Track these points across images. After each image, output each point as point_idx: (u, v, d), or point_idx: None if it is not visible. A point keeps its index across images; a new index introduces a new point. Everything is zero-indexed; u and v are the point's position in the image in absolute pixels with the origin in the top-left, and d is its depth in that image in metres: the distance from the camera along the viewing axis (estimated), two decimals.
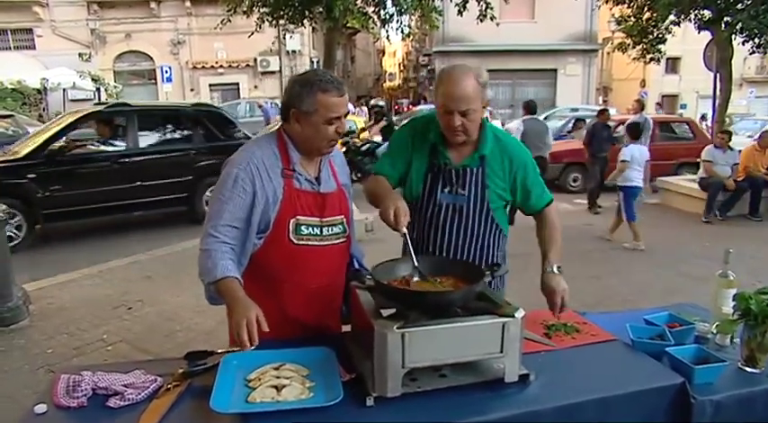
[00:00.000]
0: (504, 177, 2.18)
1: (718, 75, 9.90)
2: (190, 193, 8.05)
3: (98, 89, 19.29)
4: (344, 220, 2.07)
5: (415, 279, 1.83)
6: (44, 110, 18.25)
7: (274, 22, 7.36)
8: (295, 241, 1.92)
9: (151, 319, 4.71)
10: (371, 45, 51.56)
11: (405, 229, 1.83)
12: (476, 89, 2.00)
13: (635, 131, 7.54)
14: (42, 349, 4.14)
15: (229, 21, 7.47)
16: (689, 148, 10.70)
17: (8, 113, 13.01)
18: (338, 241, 2.05)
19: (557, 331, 2.10)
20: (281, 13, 7.13)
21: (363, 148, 10.78)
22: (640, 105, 9.74)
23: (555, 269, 2.12)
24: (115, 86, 20.62)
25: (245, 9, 7.27)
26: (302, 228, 1.93)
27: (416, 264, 1.84)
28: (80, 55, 22.02)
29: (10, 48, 22.01)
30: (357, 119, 16.12)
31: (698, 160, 8.96)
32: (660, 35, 10.64)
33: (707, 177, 8.55)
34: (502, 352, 1.64)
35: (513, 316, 1.64)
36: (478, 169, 2.15)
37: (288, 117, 1.93)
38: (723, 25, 9.14)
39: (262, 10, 7.33)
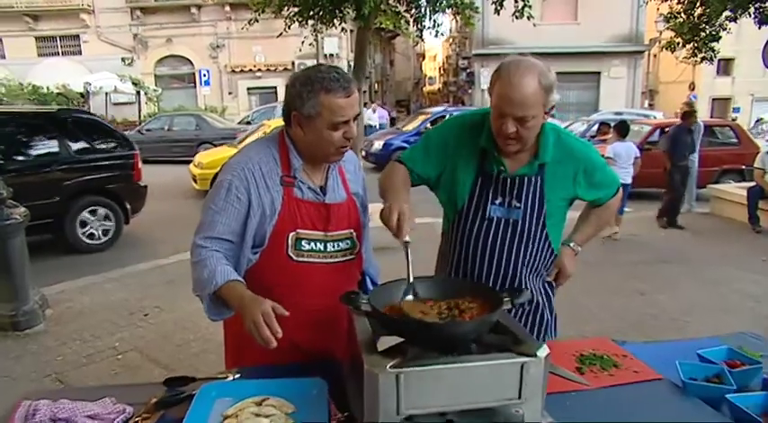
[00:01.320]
0: (567, 185, 1.92)
1: None
2: (57, 217, 6.62)
3: (138, 93, 19.68)
4: (354, 234, 1.83)
5: (408, 298, 1.55)
6: None
7: (304, 22, 7.19)
8: (295, 258, 1.71)
9: (167, 326, 4.56)
10: (411, 49, 51.41)
11: (407, 238, 1.57)
12: (537, 92, 1.70)
13: (621, 129, 7.57)
14: (53, 356, 4.03)
15: (257, 21, 7.33)
16: (733, 154, 10.10)
17: None
18: (346, 258, 1.82)
19: (591, 365, 1.80)
20: (311, 12, 6.94)
21: None
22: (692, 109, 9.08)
23: (574, 246, 2.06)
24: (155, 90, 21.02)
25: (273, 9, 7.12)
26: (303, 242, 1.72)
27: (411, 280, 1.56)
28: (123, 59, 22.61)
29: (58, 53, 22.78)
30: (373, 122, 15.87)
31: (744, 167, 8.41)
32: (713, 32, 9.98)
33: (755, 186, 7.94)
34: (520, 398, 1.34)
35: (536, 355, 1.34)
36: (537, 178, 1.88)
37: (289, 120, 1.71)
38: None
39: (291, 10, 7.16)
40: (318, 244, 1.74)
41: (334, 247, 1.77)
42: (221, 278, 1.58)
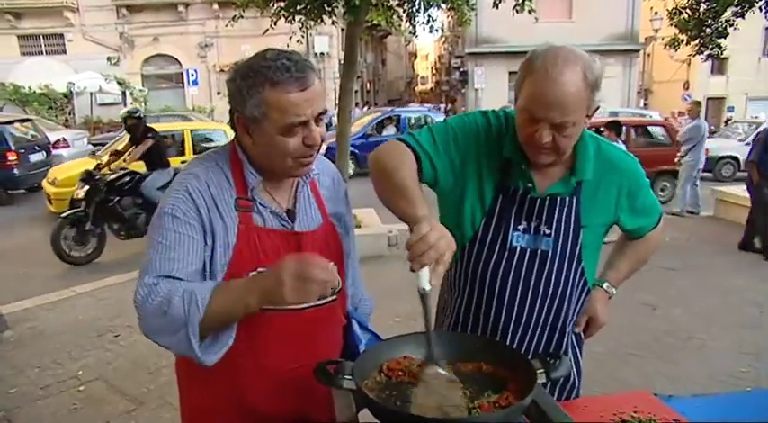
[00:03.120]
0: (608, 208, 1.55)
1: None
2: None
3: (123, 93, 19.19)
4: (336, 268, 1.42)
5: (431, 371, 1.15)
6: (70, 114, 18.23)
7: (291, 18, 6.77)
8: None
9: (138, 349, 4.14)
10: (403, 48, 51.09)
11: (430, 285, 1.10)
12: (582, 91, 1.31)
13: (615, 129, 7.39)
14: (5, 389, 3.60)
15: (242, 17, 6.91)
16: (666, 155, 9.38)
17: (26, 117, 12.79)
18: (324, 301, 1.40)
19: None
20: (298, 7, 6.53)
21: (118, 183, 6.53)
22: (697, 108, 8.71)
23: (608, 288, 1.71)
24: (141, 90, 20.51)
25: (258, 5, 6.70)
26: None
27: (431, 340, 1.17)
28: (109, 59, 22.07)
29: (42, 52, 22.19)
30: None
31: (677, 168, 8.61)
32: (720, 28, 9.63)
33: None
34: None
35: None
36: (573, 199, 1.49)
37: (234, 125, 1.32)
38: None
39: (277, 5, 6.74)
40: None
41: None
42: (206, 289, 1.19)
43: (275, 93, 1.20)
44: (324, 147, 1.38)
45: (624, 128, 8.81)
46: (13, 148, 10.31)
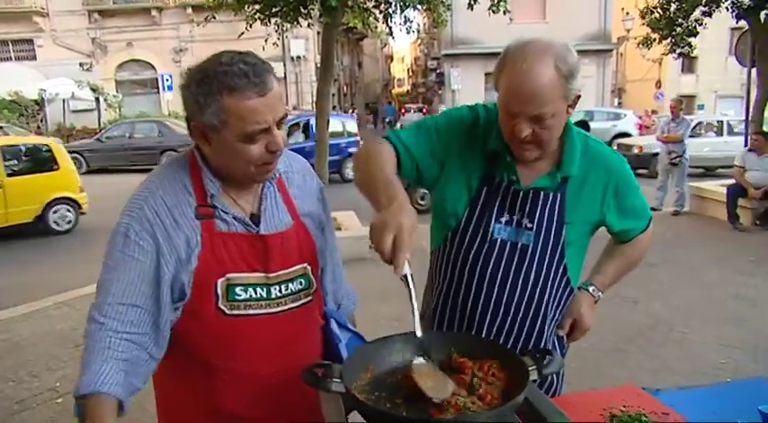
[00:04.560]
0: (593, 206, 1.53)
1: (754, 70, 9.05)
2: None
3: (97, 99, 18.87)
4: (309, 268, 1.41)
5: (417, 362, 1.15)
6: (42, 121, 17.86)
7: (266, 20, 6.71)
8: (228, 311, 1.30)
9: None
10: (379, 51, 51.18)
11: (406, 271, 1.11)
12: (554, 82, 1.31)
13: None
14: None
15: (214, 18, 6.84)
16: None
17: None
18: (300, 303, 1.40)
19: None
20: (274, 10, 6.48)
21: None
22: (679, 106, 8.76)
23: (594, 292, 1.66)
24: (114, 96, 20.23)
25: (233, 6, 6.63)
26: (238, 290, 1.30)
27: (419, 333, 1.16)
28: (81, 64, 21.71)
29: (11, 58, 21.74)
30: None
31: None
32: (690, 27, 9.81)
33: (734, 184, 7.73)
34: None
35: None
36: (557, 195, 1.48)
37: (191, 133, 1.28)
38: (764, 14, 8.27)
39: (252, 7, 6.68)
40: (259, 290, 1.32)
41: (280, 291, 1.36)
42: (85, 385, 1.12)
43: (233, 100, 1.16)
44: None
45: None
46: None
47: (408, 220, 1.13)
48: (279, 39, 7.58)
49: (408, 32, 7.70)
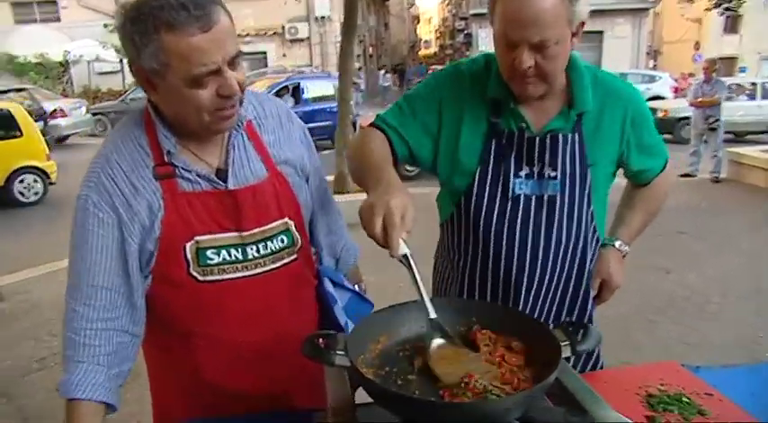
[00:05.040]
0: (613, 141, 1.40)
1: None
2: None
3: (121, 60, 18.84)
4: (292, 223, 1.28)
5: (436, 343, 1.02)
6: (67, 83, 17.95)
7: None
8: (200, 277, 1.19)
9: None
10: (406, 11, 50.05)
11: (404, 251, 0.99)
12: (557, 4, 1.17)
13: None
14: None
15: None
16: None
17: (22, 87, 12.56)
18: (281, 263, 1.27)
19: (666, 411, 1.25)
20: None
21: None
22: (713, 67, 8.29)
23: (621, 246, 1.56)
24: None
25: None
26: (209, 253, 1.19)
27: (432, 315, 1.03)
28: (105, 26, 21.56)
29: (35, 20, 21.73)
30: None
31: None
32: None
33: None
34: None
35: None
36: (574, 136, 1.35)
37: (137, 79, 1.13)
38: None
39: None
40: (233, 251, 1.21)
41: (258, 250, 1.23)
42: (65, 389, 1.08)
43: (173, 38, 0.99)
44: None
45: None
46: None
47: (397, 199, 1.02)
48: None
49: None
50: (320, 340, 0.98)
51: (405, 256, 1.00)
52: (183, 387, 1.29)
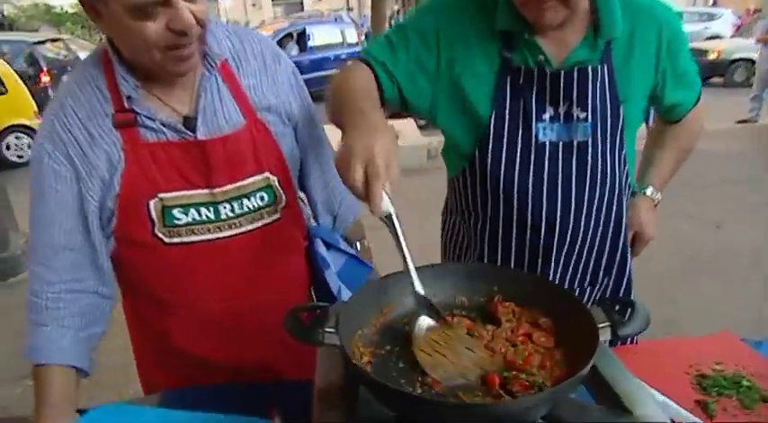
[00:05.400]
0: (648, 71, 1.21)
1: None
2: None
3: None
4: (275, 179, 1.15)
5: (424, 324, 0.86)
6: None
7: None
8: (166, 239, 1.09)
9: None
10: None
11: (387, 210, 0.83)
12: None
13: None
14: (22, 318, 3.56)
15: None
16: None
17: (57, 37, 12.57)
18: (261, 223, 1.15)
19: (722, 396, 1.09)
20: None
21: None
22: None
23: (653, 194, 1.41)
24: None
25: None
26: (175, 212, 1.08)
27: (418, 288, 0.87)
28: None
29: None
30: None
31: None
32: None
33: None
34: None
35: None
36: (603, 68, 1.15)
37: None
38: None
39: None
40: (204, 210, 1.09)
41: (233, 210, 1.11)
42: (27, 352, 1.04)
43: None
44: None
45: None
46: (45, 68, 10.16)
47: (382, 142, 0.84)
48: None
49: None
50: (307, 314, 0.84)
51: (388, 215, 0.83)
52: (161, 356, 1.24)
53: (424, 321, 0.85)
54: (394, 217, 0.83)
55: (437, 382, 0.77)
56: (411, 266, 0.85)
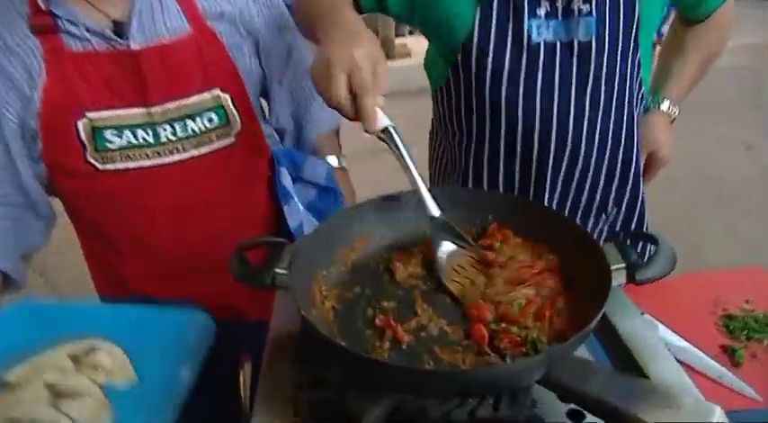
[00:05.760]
0: None
1: None
2: None
3: None
4: (227, 97, 1.01)
5: (445, 249, 0.75)
6: None
7: None
8: (99, 166, 0.97)
9: None
10: None
11: (385, 122, 0.71)
12: None
13: None
14: None
15: None
16: None
17: None
18: (210, 149, 1.03)
19: (752, 340, 0.97)
20: None
21: None
22: None
23: (670, 109, 1.22)
24: None
25: None
26: (108, 135, 0.96)
27: (433, 211, 0.75)
28: None
29: None
30: None
31: None
32: None
33: None
34: None
35: None
36: None
37: None
38: None
39: None
40: (141, 132, 0.97)
41: (174, 132, 0.99)
42: None
43: None
44: None
45: None
46: None
47: (364, 48, 0.71)
48: None
49: None
50: (254, 252, 0.70)
51: (385, 129, 0.70)
52: (118, 298, 1.14)
53: (445, 247, 0.74)
54: (392, 130, 0.71)
55: (405, 334, 0.63)
56: (420, 184, 0.73)
